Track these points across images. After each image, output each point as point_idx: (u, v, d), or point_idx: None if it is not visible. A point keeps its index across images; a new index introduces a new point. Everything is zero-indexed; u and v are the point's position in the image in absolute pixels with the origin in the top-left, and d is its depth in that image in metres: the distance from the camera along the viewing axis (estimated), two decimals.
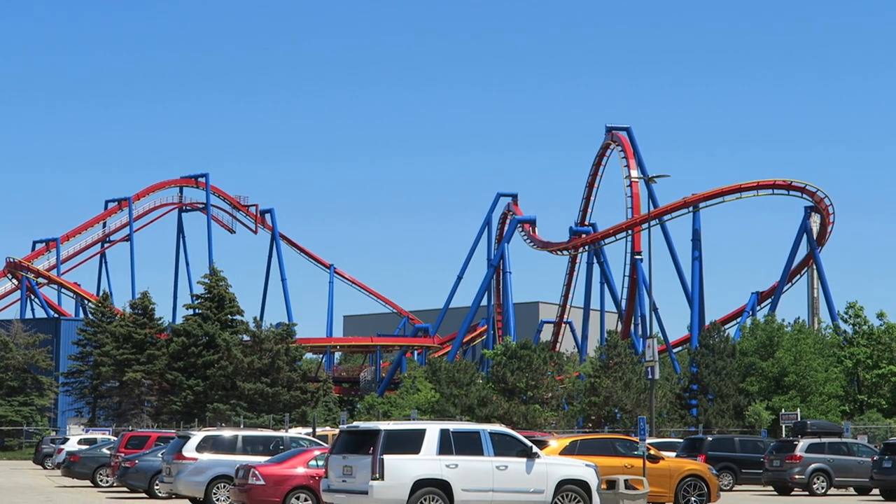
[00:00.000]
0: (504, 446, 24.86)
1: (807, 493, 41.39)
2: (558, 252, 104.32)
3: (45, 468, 62.21)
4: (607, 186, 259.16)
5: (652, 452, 31.40)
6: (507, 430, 25.92)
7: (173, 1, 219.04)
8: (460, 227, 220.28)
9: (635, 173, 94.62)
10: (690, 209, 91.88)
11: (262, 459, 30.04)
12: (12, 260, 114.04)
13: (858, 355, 72.42)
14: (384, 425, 24.26)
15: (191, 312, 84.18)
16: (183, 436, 33.51)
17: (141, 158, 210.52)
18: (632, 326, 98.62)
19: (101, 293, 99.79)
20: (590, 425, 70.60)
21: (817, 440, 42.26)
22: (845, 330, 75.65)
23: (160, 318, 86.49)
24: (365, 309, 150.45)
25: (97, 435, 61.18)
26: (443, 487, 23.90)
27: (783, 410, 62.46)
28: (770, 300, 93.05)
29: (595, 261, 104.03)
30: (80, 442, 55.32)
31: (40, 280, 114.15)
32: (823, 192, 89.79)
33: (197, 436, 32.69)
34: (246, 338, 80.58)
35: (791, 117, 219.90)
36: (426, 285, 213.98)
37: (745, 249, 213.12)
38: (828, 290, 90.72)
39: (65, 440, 59.92)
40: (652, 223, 75.28)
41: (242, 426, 62.65)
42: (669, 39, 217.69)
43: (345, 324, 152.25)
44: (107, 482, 43.52)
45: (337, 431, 32.53)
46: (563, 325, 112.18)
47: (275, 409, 74.72)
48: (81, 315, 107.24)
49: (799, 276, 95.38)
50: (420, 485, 23.71)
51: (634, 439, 31.97)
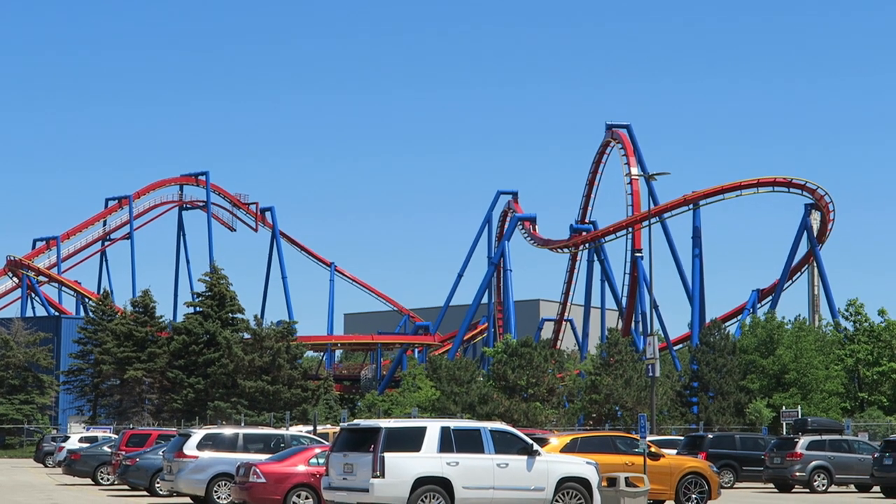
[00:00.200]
0: (505, 444, 24.86)
1: (807, 491, 41.39)
2: (559, 250, 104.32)
3: (46, 466, 62.22)
4: (608, 184, 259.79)
5: (653, 450, 31.40)
6: (508, 428, 25.92)
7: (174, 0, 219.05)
8: (461, 225, 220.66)
9: (635, 171, 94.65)
10: (691, 207, 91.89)
11: (263, 457, 30.06)
12: (13, 258, 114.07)
13: (859, 353, 72.36)
14: (385, 423, 24.25)
15: (191, 310, 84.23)
16: (184, 434, 33.53)
17: (141, 156, 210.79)
18: (632, 324, 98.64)
19: (102, 291, 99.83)
20: (590, 423, 70.61)
21: (818, 437, 42.27)
22: (846, 327, 75.56)
23: (161, 317, 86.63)
24: (366, 307, 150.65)
25: (98, 433, 61.13)
26: (443, 485, 23.90)
27: (784, 408, 62.42)
28: (771, 297, 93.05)
29: (595, 258, 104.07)
30: (81, 440, 55.23)
31: (41, 278, 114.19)
32: (824, 190, 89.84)
33: (198, 434, 32.71)
34: (247, 336, 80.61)
35: (791, 115, 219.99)
36: (427, 283, 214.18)
37: (746, 247, 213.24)
38: (828, 288, 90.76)
39: (66, 438, 59.86)
40: (652, 221, 75.27)
41: (243, 424, 62.66)
42: (669, 37, 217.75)
43: (345, 322, 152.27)
44: (108, 480, 43.59)
45: (338, 429, 32.52)
46: (564, 323, 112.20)
47: (275, 407, 74.71)
48: (82, 313, 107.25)
49: (799, 274, 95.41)
50: (421, 482, 23.72)
51: (635, 437, 31.98)
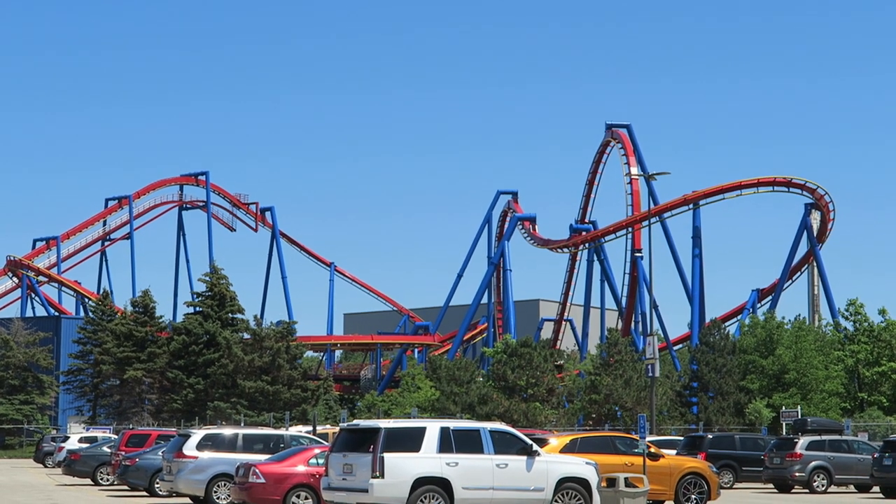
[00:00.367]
0: (504, 444, 24.85)
1: (807, 491, 41.39)
2: (558, 250, 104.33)
3: (46, 466, 62.23)
4: (607, 184, 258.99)
5: (652, 450, 31.40)
6: (508, 428, 25.92)
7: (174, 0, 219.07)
8: (460, 225, 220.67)
9: (635, 171, 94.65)
10: (691, 206, 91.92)
11: (263, 458, 30.07)
12: (13, 258, 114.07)
13: (859, 353, 72.36)
14: (384, 423, 24.25)
15: (191, 310, 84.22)
16: (183, 434, 33.55)
17: (141, 156, 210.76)
18: (632, 324, 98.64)
19: (102, 291, 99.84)
20: (590, 423, 70.59)
21: (817, 438, 42.26)
22: (846, 327, 75.57)
23: (161, 317, 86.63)
24: (365, 307, 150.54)
25: (98, 433, 61.17)
26: (443, 485, 23.89)
27: (783, 408, 62.40)
28: (770, 297, 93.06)
29: (595, 258, 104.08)
30: (81, 440, 55.26)
31: (41, 278, 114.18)
32: (823, 189, 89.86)
33: (197, 434, 32.73)
34: (246, 336, 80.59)
35: (791, 114, 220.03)
36: (426, 283, 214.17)
37: (746, 247, 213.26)
38: (828, 287, 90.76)
39: (65, 438, 59.87)
40: (652, 220, 75.23)
41: (243, 424, 62.63)
42: (669, 37, 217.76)
43: (345, 322, 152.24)
44: (107, 480, 43.60)
45: (337, 430, 32.51)
46: (564, 323, 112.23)
47: (275, 408, 74.70)
48: (82, 313, 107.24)
49: (799, 274, 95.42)
50: (420, 483, 23.71)
51: (635, 437, 31.98)
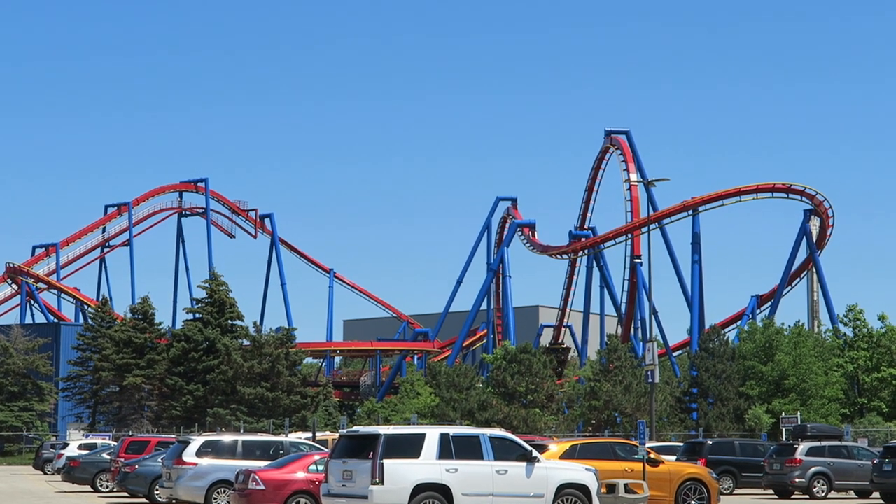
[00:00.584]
0: (504, 450, 24.85)
1: (807, 497, 41.38)
2: (558, 256, 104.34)
3: (46, 473, 62.15)
4: (607, 190, 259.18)
5: (652, 456, 31.41)
6: (507, 435, 25.94)
7: (173, 6, 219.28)
8: (460, 232, 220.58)
9: (635, 177, 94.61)
10: (690, 212, 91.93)
11: (262, 464, 30.07)
12: (12, 265, 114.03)
13: (858, 359, 72.36)
14: (384, 430, 24.26)
15: (191, 317, 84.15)
16: (183, 441, 33.55)
17: (140, 163, 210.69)
18: (631, 330, 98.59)
19: (101, 298, 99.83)
20: (590, 429, 70.53)
21: (817, 444, 42.27)
22: (845, 333, 75.56)
23: (160, 323, 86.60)
24: (365, 313, 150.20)
25: (97, 440, 61.22)
26: (443, 492, 23.89)
27: (783, 414, 62.35)
28: (770, 303, 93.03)
29: (595, 264, 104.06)
30: (81, 447, 55.26)
31: (40, 285, 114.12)
32: (823, 195, 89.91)
33: (197, 441, 32.72)
34: (246, 342, 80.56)
35: (790, 120, 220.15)
36: (426, 289, 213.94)
37: (745, 253, 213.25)
38: (827, 294, 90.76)
39: (65, 445, 59.88)
40: (651, 227, 75.28)
41: (242, 431, 62.59)
42: (668, 43, 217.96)
43: (345, 328, 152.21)
44: (107, 487, 43.60)
45: (337, 436, 32.51)
46: (563, 329, 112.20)
47: (275, 414, 74.65)
48: (81, 320, 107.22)
49: (799, 280, 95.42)
50: (420, 489, 23.71)
51: (634, 443, 31.98)
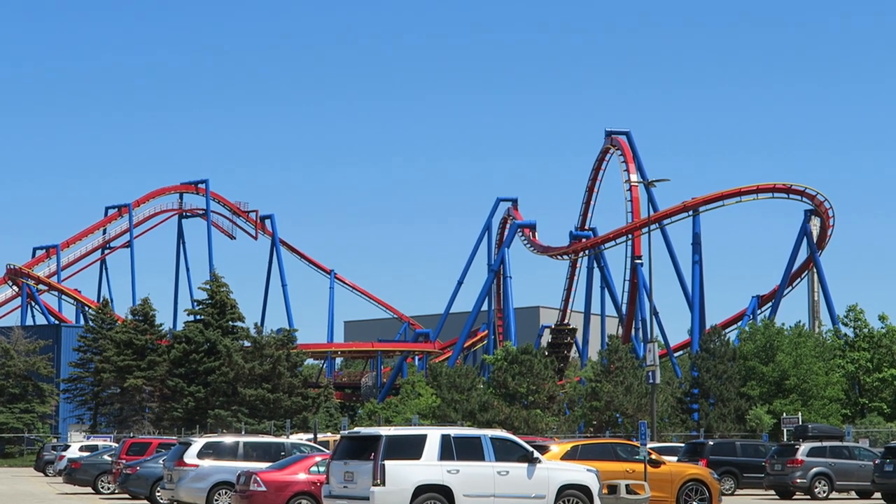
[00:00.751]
0: (505, 451, 24.87)
1: (808, 497, 41.39)
2: (558, 256, 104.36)
3: (47, 475, 62.15)
4: (607, 191, 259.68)
5: (653, 457, 31.42)
6: (509, 436, 25.97)
7: (174, 6, 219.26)
8: (460, 232, 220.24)
9: (635, 177, 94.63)
10: (690, 213, 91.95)
11: (264, 466, 30.07)
12: (13, 267, 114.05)
13: (859, 359, 72.36)
14: (385, 431, 24.27)
15: (192, 319, 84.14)
16: (184, 442, 33.55)
17: (141, 165, 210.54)
18: (632, 331, 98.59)
19: (102, 299, 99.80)
20: (591, 430, 70.53)
21: (819, 444, 42.28)
22: (846, 333, 75.56)
23: (161, 325, 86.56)
24: (365, 314, 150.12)
25: (98, 442, 61.20)
26: (444, 493, 23.91)
27: (784, 414, 62.37)
28: (771, 304, 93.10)
29: (595, 265, 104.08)
30: (82, 449, 55.23)
31: (41, 287, 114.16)
32: (823, 196, 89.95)
33: (198, 442, 32.73)
34: (247, 344, 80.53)
35: (791, 120, 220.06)
36: (427, 290, 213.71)
37: (746, 253, 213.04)
38: (828, 294, 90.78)
39: (66, 447, 59.82)
40: (652, 227, 75.38)
41: (244, 432, 62.61)
42: (669, 43, 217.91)
43: (345, 329, 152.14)
44: (108, 489, 43.60)
45: (338, 437, 32.51)
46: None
47: (276, 416, 74.65)
48: (82, 322, 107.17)
49: (799, 280, 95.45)
50: (421, 490, 23.73)
51: (636, 444, 31.99)
